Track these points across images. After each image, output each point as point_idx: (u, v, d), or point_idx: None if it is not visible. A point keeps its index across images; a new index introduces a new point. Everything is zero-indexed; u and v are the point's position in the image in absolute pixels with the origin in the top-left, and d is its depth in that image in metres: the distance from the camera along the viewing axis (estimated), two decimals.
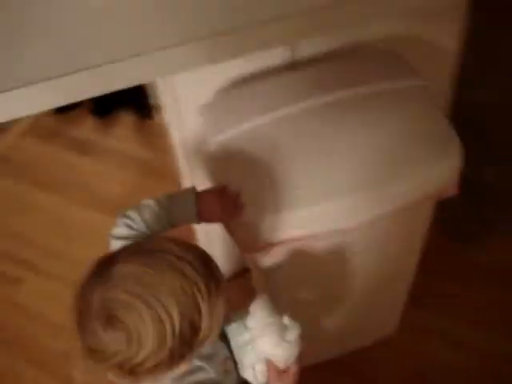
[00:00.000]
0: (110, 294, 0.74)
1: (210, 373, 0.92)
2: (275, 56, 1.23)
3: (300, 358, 0.93)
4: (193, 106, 1.22)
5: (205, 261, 0.79)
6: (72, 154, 2.27)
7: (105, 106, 2.30)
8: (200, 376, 0.91)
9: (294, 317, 0.91)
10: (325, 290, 1.27)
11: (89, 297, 0.74)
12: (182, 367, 0.81)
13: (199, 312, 0.76)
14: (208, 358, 0.92)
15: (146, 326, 0.73)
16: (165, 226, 1.00)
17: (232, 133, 1.12)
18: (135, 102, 2.25)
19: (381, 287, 1.35)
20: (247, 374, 0.95)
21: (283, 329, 0.90)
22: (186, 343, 0.76)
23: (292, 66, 1.25)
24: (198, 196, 1.03)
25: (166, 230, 1.01)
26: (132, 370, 0.75)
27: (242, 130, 1.12)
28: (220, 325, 0.81)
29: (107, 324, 0.73)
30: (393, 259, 1.26)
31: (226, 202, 1.04)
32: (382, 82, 1.14)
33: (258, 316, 0.91)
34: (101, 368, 0.76)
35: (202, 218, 1.03)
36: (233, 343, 0.95)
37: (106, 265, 0.76)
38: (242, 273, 1.67)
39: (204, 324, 0.77)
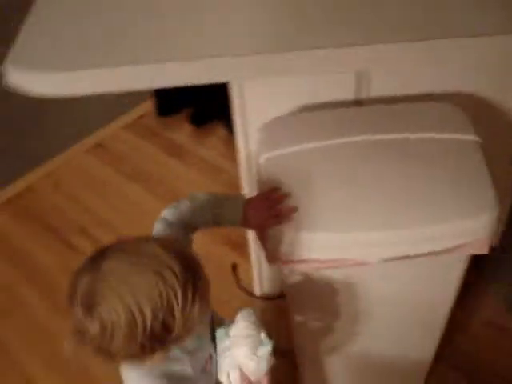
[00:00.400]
0: (93, 286, 0.82)
1: (186, 367, 0.98)
2: (342, 91, 1.29)
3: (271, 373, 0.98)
4: (258, 123, 1.30)
5: (188, 268, 0.84)
6: (165, 154, 2.44)
7: (202, 116, 2.44)
8: (174, 367, 0.97)
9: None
10: (342, 324, 1.30)
11: (78, 283, 0.83)
12: (156, 359, 0.87)
13: (173, 315, 0.82)
14: (191, 353, 0.99)
15: (119, 320, 0.80)
16: (208, 221, 1.10)
17: (282, 152, 1.19)
18: (229, 117, 2.37)
19: (402, 337, 1.35)
20: (223, 379, 1.01)
21: (258, 343, 0.95)
22: (157, 340, 0.83)
23: (355, 104, 1.31)
24: (247, 202, 1.11)
25: (208, 226, 1.11)
26: (107, 356, 0.83)
27: (291, 151, 1.19)
28: (196, 328, 0.87)
29: (87, 312, 0.81)
30: (417, 308, 1.27)
31: (272, 206, 1.10)
32: (436, 132, 1.18)
33: (239, 326, 0.97)
34: (82, 347, 0.84)
35: (247, 223, 1.11)
36: (217, 347, 1.01)
37: (97, 258, 0.84)
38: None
39: (177, 326, 0.83)
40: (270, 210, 1.10)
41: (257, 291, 1.83)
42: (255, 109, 1.32)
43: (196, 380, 1.01)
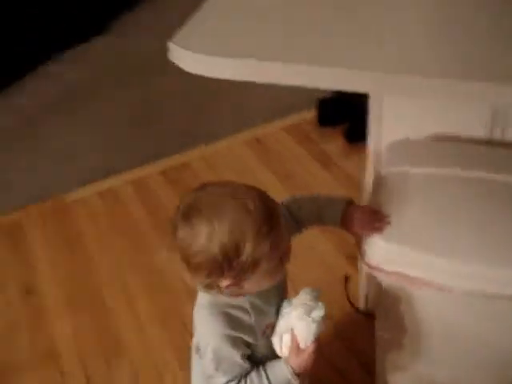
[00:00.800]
0: (194, 201, 1.02)
1: (251, 320, 1.10)
2: (476, 128, 1.33)
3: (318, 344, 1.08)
4: (389, 139, 1.38)
5: (269, 213, 1.01)
6: (314, 162, 2.56)
7: (356, 134, 2.53)
8: (241, 314, 1.10)
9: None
10: (416, 345, 1.33)
11: (184, 199, 1.03)
12: (223, 285, 1.02)
13: (245, 240, 0.97)
14: (257, 311, 1.11)
15: (202, 229, 0.98)
16: (312, 215, 1.22)
17: (402, 170, 1.27)
18: None
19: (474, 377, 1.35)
20: (275, 342, 1.11)
21: (312, 308, 1.07)
22: (226, 258, 0.98)
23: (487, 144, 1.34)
24: (351, 205, 1.21)
25: (312, 220, 1.23)
26: (186, 259, 1.01)
27: (411, 171, 1.27)
28: (263, 265, 1.01)
29: (183, 218, 1.01)
30: (493, 352, 1.27)
31: (370, 219, 1.19)
32: None
33: (301, 297, 1.09)
34: (171, 249, 1.03)
35: (345, 224, 1.20)
36: (279, 313, 1.12)
37: (204, 185, 1.05)
38: None
39: (246, 253, 0.98)
40: (373, 222, 1.18)
41: (361, 305, 1.89)
42: (389, 125, 1.40)
43: (257, 332, 1.12)
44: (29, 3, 3.27)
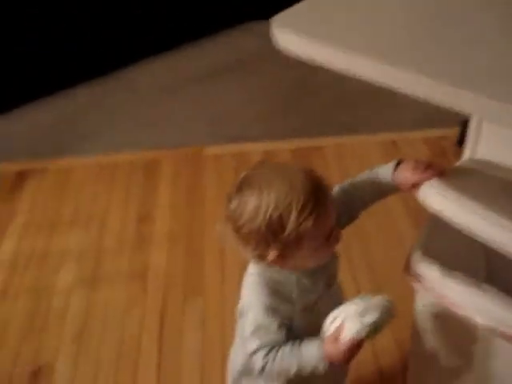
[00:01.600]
0: (248, 177, 1.11)
1: (294, 295, 1.16)
2: None
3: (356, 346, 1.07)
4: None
5: (316, 192, 1.07)
6: None
7: None
8: (284, 288, 1.15)
9: None
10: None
11: (241, 175, 1.12)
12: (271, 256, 1.10)
13: (289, 215, 1.05)
14: (301, 287, 1.17)
15: (251, 201, 1.07)
16: (371, 191, 1.24)
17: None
18: None
19: None
20: (327, 320, 1.12)
21: (369, 312, 1.07)
22: (271, 231, 1.06)
23: None
24: (401, 162, 1.22)
25: (371, 194, 1.25)
26: (237, 230, 1.10)
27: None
28: (308, 242, 1.08)
29: (237, 190, 1.10)
30: None
31: (424, 167, 1.20)
32: None
33: (374, 300, 1.10)
34: (225, 220, 1.12)
35: (398, 179, 1.21)
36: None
37: (261, 162, 1.18)
38: None
39: (289, 227, 1.05)
40: (428, 169, 1.20)
41: None
42: (484, 145, 1.38)
43: (296, 308, 1.17)
44: None
